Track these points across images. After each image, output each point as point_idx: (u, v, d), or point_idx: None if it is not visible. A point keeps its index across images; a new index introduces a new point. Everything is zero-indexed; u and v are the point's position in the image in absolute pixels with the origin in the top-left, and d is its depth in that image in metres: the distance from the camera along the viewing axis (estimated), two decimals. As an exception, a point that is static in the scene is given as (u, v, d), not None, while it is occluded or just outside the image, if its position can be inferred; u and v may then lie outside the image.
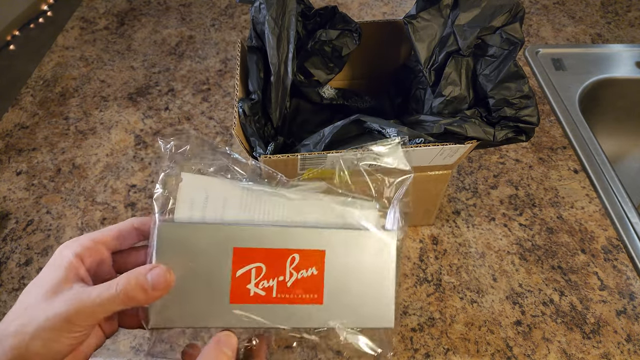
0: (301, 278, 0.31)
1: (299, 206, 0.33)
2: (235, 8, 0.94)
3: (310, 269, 0.31)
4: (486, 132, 0.42)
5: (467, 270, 0.54)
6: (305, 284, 0.31)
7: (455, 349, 0.48)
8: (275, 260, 0.31)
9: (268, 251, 0.31)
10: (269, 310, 0.31)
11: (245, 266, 0.30)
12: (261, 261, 0.31)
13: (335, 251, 0.31)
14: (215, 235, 0.31)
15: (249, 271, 0.30)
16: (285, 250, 0.31)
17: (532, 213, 0.60)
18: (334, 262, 0.31)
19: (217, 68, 0.81)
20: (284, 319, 0.31)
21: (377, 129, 0.43)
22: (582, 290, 0.52)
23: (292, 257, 0.31)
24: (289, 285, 0.31)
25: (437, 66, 0.46)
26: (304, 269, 0.31)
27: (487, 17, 0.44)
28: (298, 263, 0.31)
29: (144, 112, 0.74)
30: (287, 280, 0.31)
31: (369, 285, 0.32)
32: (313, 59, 0.53)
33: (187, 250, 0.30)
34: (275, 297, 0.31)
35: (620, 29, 0.88)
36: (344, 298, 0.31)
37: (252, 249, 0.31)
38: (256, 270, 0.30)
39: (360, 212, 0.34)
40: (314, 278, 0.31)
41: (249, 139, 0.44)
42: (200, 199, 0.33)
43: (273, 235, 0.31)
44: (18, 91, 0.78)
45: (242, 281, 0.30)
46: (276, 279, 0.31)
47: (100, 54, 0.84)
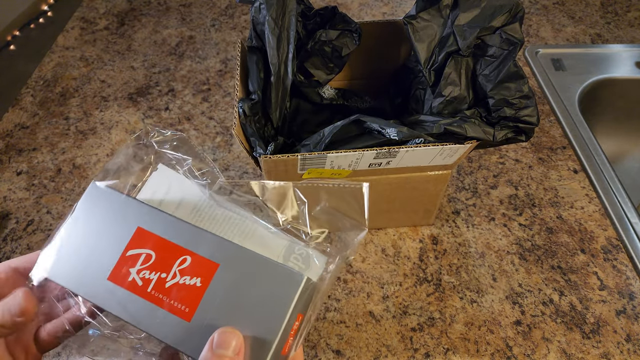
0: (182, 284, 0.28)
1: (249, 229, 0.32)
2: (235, 8, 0.94)
3: (194, 279, 0.28)
4: (486, 132, 0.42)
5: (467, 270, 0.54)
6: (183, 292, 0.28)
7: (455, 348, 0.48)
8: (167, 253, 0.29)
9: (164, 242, 0.29)
10: (136, 303, 0.28)
11: (138, 249, 0.29)
12: (153, 249, 0.29)
13: (229, 270, 0.28)
14: (129, 208, 0.30)
15: (138, 255, 0.29)
16: (180, 248, 0.29)
17: (532, 213, 0.60)
18: (223, 281, 0.28)
19: (217, 68, 0.81)
20: (145, 319, 0.28)
21: (377, 129, 0.43)
22: (582, 290, 0.52)
23: (184, 257, 0.29)
24: (167, 286, 0.28)
25: (437, 66, 0.46)
26: (189, 275, 0.28)
27: (487, 17, 0.44)
28: (187, 266, 0.28)
29: (144, 112, 0.74)
30: (168, 280, 0.28)
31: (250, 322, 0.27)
32: (313, 59, 0.53)
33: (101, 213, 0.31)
34: (149, 292, 0.28)
35: (620, 29, 0.88)
36: (214, 325, 0.27)
37: (151, 233, 0.29)
38: (145, 257, 0.29)
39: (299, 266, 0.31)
40: (194, 290, 0.28)
41: (249, 139, 0.44)
42: (161, 191, 0.33)
43: (179, 229, 0.29)
44: (18, 91, 0.78)
45: (128, 262, 0.29)
46: (158, 273, 0.29)
47: (101, 54, 0.84)
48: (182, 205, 0.33)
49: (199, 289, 0.28)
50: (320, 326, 0.50)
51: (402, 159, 0.44)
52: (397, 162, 0.45)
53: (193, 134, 0.70)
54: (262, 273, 0.28)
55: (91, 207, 0.31)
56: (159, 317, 0.28)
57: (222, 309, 0.28)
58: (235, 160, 0.66)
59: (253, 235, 0.32)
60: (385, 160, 0.44)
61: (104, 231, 0.30)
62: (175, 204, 0.33)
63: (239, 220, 0.32)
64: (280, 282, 0.28)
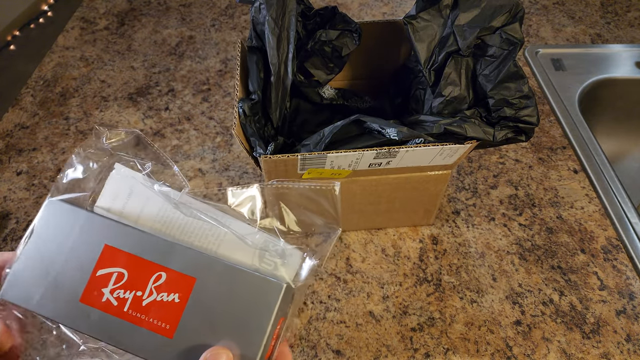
0: (160, 301, 0.27)
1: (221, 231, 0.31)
2: (235, 8, 0.94)
3: (172, 295, 0.27)
4: (486, 132, 0.42)
5: (467, 270, 0.54)
6: (162, 309, 0.27)
7: (455, 348, 0.48)
8: (139, 271, 0.28)
9: (135, 259, 0.28)
10: (113, 324, 0.27)
11: (108, 268, 0.28)
12: (125, 267, 0.28)
13: (207, 283, 0.28)
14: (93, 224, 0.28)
15: (110, 274, 0.28)
16: (153, 265, 0.28)
17: (532, 213, 0.60)
18: (201, 295, 0.27)
19: (217, 68, 0.81)
20: (125, 339, 0.27)
21: (377, 129, 0.43)
22: (582, 290, 0.52)
23: (159, 274, 0.28)
24: (144, 305, 0.27)
25: (437, 66, 0.46)
26: (166, 292, 0.27)
27: (487, 17, 0.44)
28: (163, 283, 0.27)
29: (144, 112, 0.74)
30: (145, 298, 0.27)
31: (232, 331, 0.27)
32: (313, 59, 0.53)
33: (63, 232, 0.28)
34: (125, 312, 0.27)
35: (619, 29, 0.88)
36: (197, 340, 0.27)
37: (121, 251, 0.28)
38: (117, 276, 0.28)
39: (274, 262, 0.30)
40: (173, 306, 0.27)
41: (249, 139, 0.44)
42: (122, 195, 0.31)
43: (148, 243, 0.28)
44: (18, 91, 0.78)
45: (100, 283, 0.28)
46: (134, 292, 0.27)
47: (101, 54, 0.84)
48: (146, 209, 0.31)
49: (178, 305, 0.27)
50: (320, 326, 0.50)
51: (402, 159, 0.44)
52: (397, 162, 0.45)
53: (193, 133, 0.70)
54: (241, 284, 0.28)
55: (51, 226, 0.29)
56: (139, 336, 0.27)
57: (204, 323, 0.27)
58: (235, 160, 0.66)
59: (226, 238, 0.31)
60: (385, 160, 0.44)
61: (69, 251, 0.28)
62: (138, 209, 0.31)
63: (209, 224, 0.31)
64: (259, 292, 0.27)
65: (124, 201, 0.31)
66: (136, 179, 0.31)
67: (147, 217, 0.31)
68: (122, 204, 0.31)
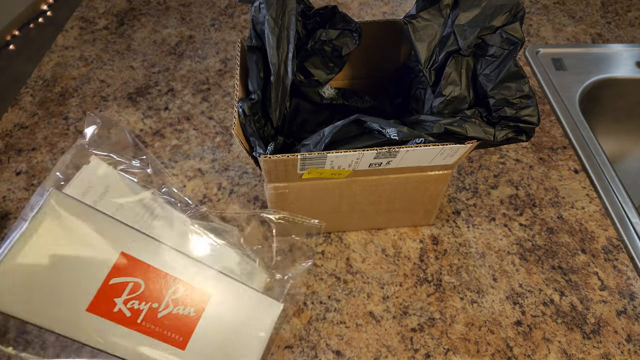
0: (175, 314, 0.27)
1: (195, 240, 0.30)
2: (235, 8, 0.94)
3: (188, 308, 0.28)
4: (486, 132, 0.42)
5: (467, 270, 0.54)
6: (177, 321, 0.27)
7: (456, 349, 0.48)
8: (157, 282, 0.27)
9: (155, 270, 0.27)
10: (125, 335, 0.26)
11: (124, 277, 0.26)
12: (142, 278, 0.27)
13: (221, 299, 0.28)
14: (108, 229, 0.26)
15: (125, 283, 0.26)
16: (173, 277, 0.27)
17: (533, 213, 0.60)
18: (215, 309, 0.28)
19: (217, 68, 0.81)
20: (135, 350, 0.26)
21: (377, 129, 0.43)
22: (583, 290, 0.52)
23: (177, 287, 0.27)
24: (160, 317, 0.27)
25: (437, 66, 0.46)
26: (182, 305, 0.28)
27: (487, 16, 0.43)
28: (180, 296, 0.27)
29: (143, 112, 0.74)
30: (160, 310, 0.27)
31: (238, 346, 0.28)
32: (313, 59, 0.53)
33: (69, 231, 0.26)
34: (139, 323, 0.27)
35: (620, 28, 0.88)
36: (207, 351, 0.28)
37: (139, 260, 0.27)
38: (133, 286, 0.27)
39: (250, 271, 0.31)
40: (188, 319, 0.28)
41: (248, 138, 0.44)
42: (98, 190, 0.29)
43: (168, 256, 0.27)
44: (17, 91, 0.78)
45: (112, 292, 0.26)
46: (149, 304, 0.27)
47: (100, 54, 0.84)
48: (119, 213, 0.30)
49: (192, 319, 0.28)
50: (320, 327, 0.50)
51: (402, 159, 0.44)
52: (398, 162, 0.45)
53: (193, 133, 0.70)
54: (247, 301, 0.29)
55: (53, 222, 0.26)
56: (151, 347, 0.27)
57: (215, 335, 0.28)
58: (235, 160, 0.66)
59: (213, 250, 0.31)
60: (386, 160, 0.44)
61: (75, 254, 0.26)
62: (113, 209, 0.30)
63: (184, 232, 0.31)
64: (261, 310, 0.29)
65: (95, 199, 0.29)
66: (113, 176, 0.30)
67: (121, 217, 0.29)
68: (92, 200, 0.29)
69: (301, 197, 0.50)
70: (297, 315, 0.50)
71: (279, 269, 0.34)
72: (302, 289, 0.53)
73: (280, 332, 0.49)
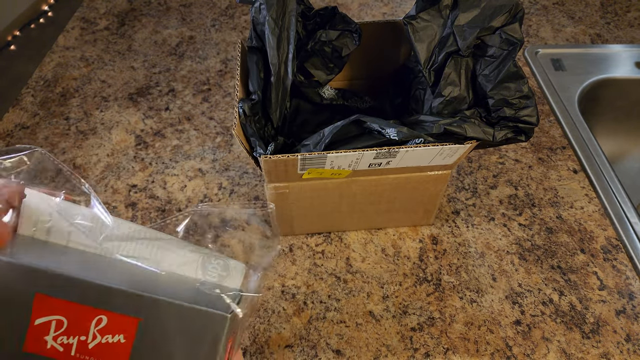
0: (105, 343, 0.27)
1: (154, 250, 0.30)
2: (235, 8, 0.94)
3: (117, 336, 0.27)
4: (485, 133, 0.42)
5: (467, 270, 0.54)
6: (109, 350, 0.27)
7: (455, 348, 0.48)
8: (79, 317, 0.27)
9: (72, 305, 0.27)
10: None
11: (45, 316, 0.27)
12: (63, 315, 0.27)
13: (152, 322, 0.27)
14: (18, 276, 0.27)
15: (49, 322, 0.27)
16: (92, 309, 0.27)
17: (532, 213, 0.60)
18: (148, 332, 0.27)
19: (217, 68, 0.81)
20: None
21: (377, 129, 0.43)
22: (582, 290, 0.53)
23: (99, 318, 0.27)
24: (90, 348, 0.27)
25: (437, 66, 0.46)
26: (110, 334, 0.27)
27: (487, 17, 0.44)
28: (105, 326, 0.27)
29: (144, 113, 0.74)
30: (90, 342, 0.27)
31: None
32: (313, 60, 0.53)
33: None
34: (73, 355, 0.27)
35: (619, 29, 0.88)
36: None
37: (55, 299, 0.27)
38: (57, 323, 0.27)
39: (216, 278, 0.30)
40: (120, 346, 0.27)
41: (249, 139, 0.44)
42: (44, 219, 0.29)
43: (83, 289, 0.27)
44: (19, 91, 0.78)
45: (40, 331, 0.27)
46: (77, 337, 0.27)
47: (101, 54, 0.85)
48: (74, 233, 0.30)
49: (124, 345, 0.27)
50: (320, 326, 0.50)
51: (402, 159, 0.44)
52: (397, 162, 0.45)
53: (193, 134, 0.70)
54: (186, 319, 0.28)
55: None
56: None
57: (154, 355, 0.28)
58: (236, 161, 0.67)
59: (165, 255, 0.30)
60: (385, 160, 0.44)
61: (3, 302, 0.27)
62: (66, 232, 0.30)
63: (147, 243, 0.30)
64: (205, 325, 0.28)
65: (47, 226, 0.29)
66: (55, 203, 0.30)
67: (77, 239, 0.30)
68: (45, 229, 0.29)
69: (301, 197, 0.50)
70: (297, 315, 0.51)
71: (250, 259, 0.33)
72: (302, 288, 0.53)
73: (280, 331, 0.49)
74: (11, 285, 0.27)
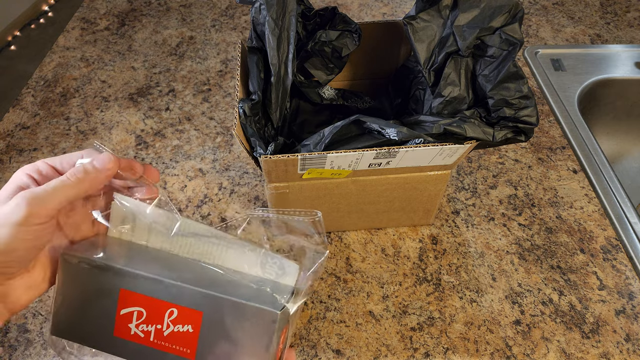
0: (177, 331, 0.32)
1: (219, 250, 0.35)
2: (235, 9, 0.95)
3: (186, 326, 0.32)
4: (485, 133, 0.42)
5: (467, 269, 0.54)
6: (180, 337, 0.32)
7: (455, 348, 0.48)
8: (155, 309, 0.32)
9: (150, 299, 0.32)
10: (144, 352, 0.33)
11: (129, 307, 0.33)
12: (143, 307, 0.33)
13: (213, 315, 0.32)
14: (107, 275, 0.33)
15: (131, 313, 0.33)
16: (165, 303, 0.32)
17: (531, 213, 0.60)
18: (211, 324, 0.32)
19: (217, 69, 0.81)
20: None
21: (376, 129, 0.43)
22: (581, 289, 0.53)
23: (171, 310, 0.32)
24: (166, 335, 0.32)
25: (437, 67, 0.47)
26: (180, 324, 0.32)
27: (487, 17, 0.44)
28: (176, 317, 0.32)
29: (144, 113, 0.74)
30: (164, 330, 0.32)
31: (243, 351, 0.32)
32: (313, 60, 0.53)
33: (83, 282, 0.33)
34: (152, 341, 0.33)
35: (619, 29, 0.88)
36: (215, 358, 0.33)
37: (136, 294, 0.32)
38: (137, 314, 0.33)
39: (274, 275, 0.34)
40: (189, 335, 0.32)
41: (249, 139, 0.44)
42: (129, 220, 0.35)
43: (157, 287, 0.32)
44: (19, 91, 0.78)
45: (125, 319, 0.33)
46: (155, 325, 0.32)
47: (101, 55, 0.85)
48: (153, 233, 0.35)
49: (192, 334, 0.32)
50: (320, 326, 0.50)
51: (402, 159, 0.44)
52: (397, 162, 0.45)
53: (194, 134, 0.70)
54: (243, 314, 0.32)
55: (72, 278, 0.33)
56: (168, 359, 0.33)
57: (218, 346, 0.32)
58: (236, 161, 0.67)
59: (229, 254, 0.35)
60: (385, 160, 0.44)
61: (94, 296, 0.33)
62: (146, 233, 0.35)
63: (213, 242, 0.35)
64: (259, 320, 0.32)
65: (131, 227, 0.35)
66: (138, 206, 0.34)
67: (155, 239, 0.35)
68: (130, 230, 0.35)
69: (301, 197, 0.51)
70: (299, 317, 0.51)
71: None
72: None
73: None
74: (103, 282, 0.33)
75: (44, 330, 0.50)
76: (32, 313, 0.51)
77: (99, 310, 0.33)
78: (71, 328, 0.34)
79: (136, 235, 0.35)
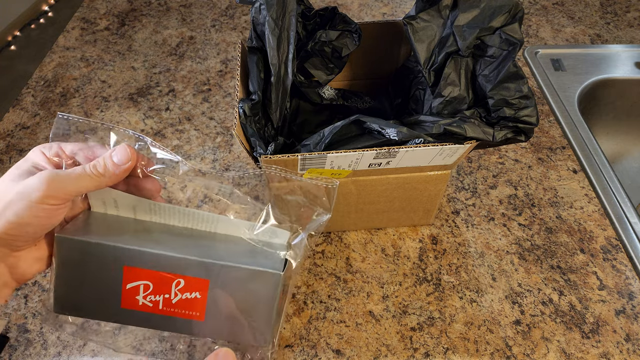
0: (185, 299, 0.34)
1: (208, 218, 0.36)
2: (235, 9, 0.95)
3: (194, 293, 0.34)
4: (485, 133, 0.42)
5: (467, 269, 0.54)
6: (189, 303, 0.34)
7: (455, 348, 0.48)
8: (161, 281, 0.34)
9: (155, 273, 0.34)
10: (155, 319, 0.34)
11: (134, 282, 0.34)
12: (149, 280, 0.34)
13: (219, 281, 0.34)
14: (108, 254, 0.33)
15: (137, 286, 0.34)
16: (172, 275, 0.34)
17: (531, 213, 0.60)
18: (217, 289, 0.34)
19: (217, 69, 0.81)
20: (167, 326, 0.35)
21: (376, 129, 0.43)
22: (581, 289, 0.53)
23: (178, 281, 0.34)
24: (174, 302, 0.34)
25: (437, 67, 0.47)
26: (188, 292, 0.34)
27: (487, 17, 0.44)
28: (183, 287, 0.34)
29: (144, 113, 0.74)
30: (172, 298, 0.34)
31: (250, 312, 0.35)
32: (313, 60, 0.53)
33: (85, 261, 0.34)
34: (161, 309, 0.34)
35: (619, 29, 0.88)
36: (224, 319, 0.35)
37: (140, 269, 0.33)
38: (144, 287, 0.34)
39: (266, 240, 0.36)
40: (197, 300, 0.34)
41: (249, 139, 0.44)
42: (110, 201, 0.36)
43: (162, 260, 0.33)
44: (19, 91, 0.78)
45: (132, 293, 0.34)
46: (162, 295, 0.34)
47: (101, 55, 0.85)
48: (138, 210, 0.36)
49: (201, 299, 0.34)
50: (320, 326, 0.50)
51: (401, 159, 0.44)
52: (397, 162, 0.45)
53: (194, 134, 0.70)
54: (245, 277, 0.34)
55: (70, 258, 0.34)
56: (178, 322, 0.35)
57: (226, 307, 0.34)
58: (236, 161, 0.67)
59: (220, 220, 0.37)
60: (385, 160, 0.44)
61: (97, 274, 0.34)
62: (132, 210, 0.36)
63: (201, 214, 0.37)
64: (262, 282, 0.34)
65: (114, 205, 0.36)
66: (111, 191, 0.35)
67: (142, 210, 0.36)
68: (113, 207, 0.36)
69: (301, 197, 0.51)
70: (297, 315, 0.51)
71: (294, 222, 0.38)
72: (302, 288, 0.53)
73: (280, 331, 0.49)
74: (104, 261, 0.34)
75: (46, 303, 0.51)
76: (32, 313, 0.51)
77: (104, 286, 0.34)
78: (76, 305, 0.35)
79: (122, 210, 0.36)
